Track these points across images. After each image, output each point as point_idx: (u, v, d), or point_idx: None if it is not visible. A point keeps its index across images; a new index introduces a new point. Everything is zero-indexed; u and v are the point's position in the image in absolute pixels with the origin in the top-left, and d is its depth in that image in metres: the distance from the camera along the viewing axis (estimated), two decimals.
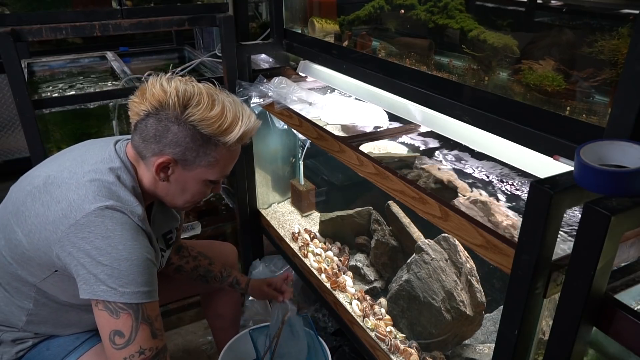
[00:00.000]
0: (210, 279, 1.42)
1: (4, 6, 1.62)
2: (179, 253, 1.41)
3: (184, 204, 1.08)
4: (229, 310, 1.59)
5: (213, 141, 0.97)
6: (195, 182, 1.02)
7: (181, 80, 0.97)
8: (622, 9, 0.82)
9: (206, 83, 1.00)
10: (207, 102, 0.95)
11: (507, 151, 1.00)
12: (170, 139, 0.95)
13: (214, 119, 0.95)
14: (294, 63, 1.81)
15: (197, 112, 0.94)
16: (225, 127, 0.96)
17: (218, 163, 1.00)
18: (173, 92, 0.94)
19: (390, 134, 1.35)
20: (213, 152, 0.98)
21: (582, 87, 0.85)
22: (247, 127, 0.98)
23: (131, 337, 0.91)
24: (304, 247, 1.69)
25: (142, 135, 0.98)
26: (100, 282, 0.89)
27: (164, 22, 1.62)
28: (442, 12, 1.11)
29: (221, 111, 0.96)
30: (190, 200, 1.07)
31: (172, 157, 0.97)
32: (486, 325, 1.35)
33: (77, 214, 0.90)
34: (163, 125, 0.95)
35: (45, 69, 2.14)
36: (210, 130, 0.95)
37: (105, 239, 0.89)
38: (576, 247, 0.59)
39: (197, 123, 0.94)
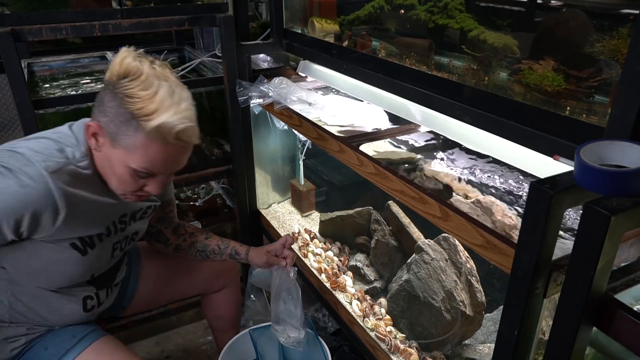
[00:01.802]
0: (209, 252, 1.40)
1: (4, 6, 1.61)
2: (176, 232, 1.40)
3: (116, 189, 1.04)
4: (228, 311, 1.59)
5: (134, 123, 0.93)
6: (119, 164, 0.99)
7: (137, 55, 0.97)
8: (622, 9, 0.81)
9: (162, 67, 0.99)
10: (143, 80, 0.94)
11: (507, 151, 1.00)
12: (105, 106, 0.96)
13: (140, 99, 0.93)
14: (294, 63, 1.81)
15: (128, 85, 0.93)
16: (146, 112, 0.93)
17: (137, 150, 0.95)
18: (117, 61, 0.95)
19: (390, 134, 1.35)
20: (132, 135, 0.94)
21: (582, 87, 0.85)
22: (168, 120, 0.93)
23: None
24: (304, 247, 1.69)
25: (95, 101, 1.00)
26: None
27: (164, 22, 1.62)
28: (442, 12, 1.11)
29: (151, 94, 0.94)
30: (117, 184, 1.03)
31: (101, 124, 0.97)
32: (486, 325, 1.35)
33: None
34: (103, 92, 0.97)
35: (45, 69, 2.14)
36: (133, 109, 0.93)
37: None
38: (576, 247, 0.59)
39: (124, 97, 0.93)
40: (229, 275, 1.56)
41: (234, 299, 1.59)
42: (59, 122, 1.89)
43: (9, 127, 2.72)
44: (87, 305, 1.17)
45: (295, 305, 1.35)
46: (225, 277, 1.55)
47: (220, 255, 1.41)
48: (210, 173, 1.91)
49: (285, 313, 1.35)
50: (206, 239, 1.41)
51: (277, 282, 1.36)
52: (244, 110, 1.77)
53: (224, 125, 1.99)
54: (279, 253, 1.37)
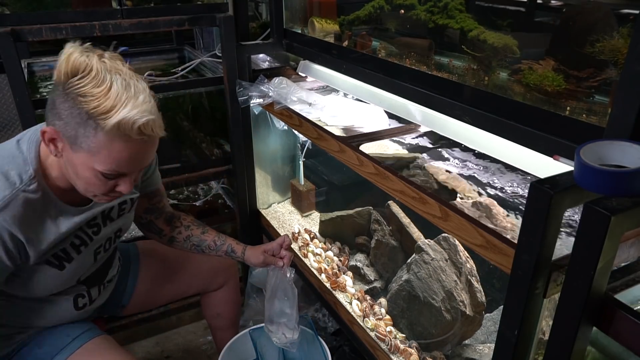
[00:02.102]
0: (205, 247, 1.34)
1: (4, 6, 1.62)
2: (170, 223, 1.35)
3: (84, 192, 0.98)
4: (228, 311, 1.59)
5: (92, 123, 0.87)
6: (83, 168, 0.92)
7: (83, 49, 0.89)
8: (622, 9, 0.81)
9: (112, 59, 0.92)
10: (94, 77, 0.87)
11: (507, 151, 1.00)
12: (57, 109, 0.89)
13: (94, 97, 0.86)
14: (294, 63, 1.81)
15: (80, 84, 0.86)
16: (102, 110, 0.86)
17: (100, 152, 0.89)
18: (63, 58, 0.87)
19: (390, 134, 1.35)
20: (92, 136, 0.87)
21: (582, 87, 0.85)
22: (127, 115, 0.87)
23: None
24: (304, 247, 1.69)
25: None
26: None
27: (164, 22, 1.62)
28: (442, 12, 1.11)
29: (105, 90, 0.86)
30: (85, 188, 0.97)
31: (57, 129, 0.90)
32: (486, 325, 1.35)
33: None
34: (54, 94, 0.89)
35: (45, 69, 2.14)
36: (89, 109, 0.86)
37: None
38: (576, 247, 0.59)
39: (77, 97, 0.86)
40: (228, 273, 1.56)
41: (232, 297, 1.59)
42: None
43: (9, 127, 2.72)
44: (78, 304, 1.17)
45: (291, 306, 1.32)
46: (224, 275, 1.55)
47: (215, 252, 1.36)
48: (210, 173, 1.91)
49: (279, 313, 1.33)
50: (202, 234, 1.36)
51: (272, 281, 1.33)
52: (244, 110, 1.77)
53: (224, 125, 1.99)
54: (276, 253, 1.32)
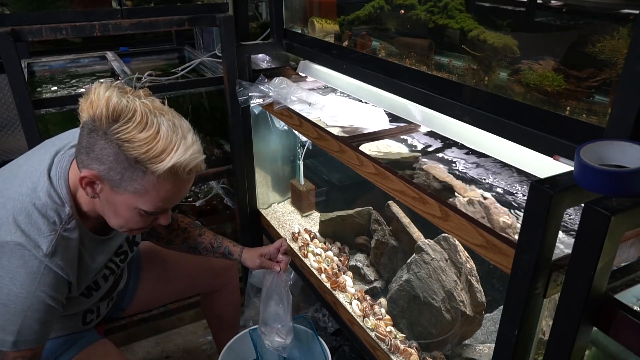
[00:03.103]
0: (202, 249, 1.35)
1: (4, 6, 1.62)
2: (169, 227, 1.36)
3: (120, 228, 0.98)
4: (228, 312, 1.59)
5: (140, 167, 0.86)
6: (125, 208, 0.92)
7: (120, 91, 0.87)
8: (622, 9, 0.81)
9: (152, 100, 0.90)
10: (139, 122, 0.84)
11: (507, 151, 1.00)
12: (97, 153, 0.86)
13: (142, 142, 0.84)
14: (294, 63, 1.81)
15: (125, 130, 0.84)
16: (154, 154, 0.85)
17: (147, 193, 0.89)
18: (104, 104, 0.84)
19: (390, 134, 1.35)
20: (140, 179, 0.87)
21: (582, 87, 0.85)
22: (181, 159, 0.86)
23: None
24: (304, 247, 1.69)
25: (78, 144, 0.91)
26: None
27: (164, 22, 1.62)
28: (442, 12, 1.11)
29: (153, 135, 0.85)
30: (125, 225, 0.96)
31: (98, 173, 0.88)
32: (486, 325, 1.35)
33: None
34: (92, 137, 0.86)
35: (45, 69, 2.14)
36: (137, 154, 0.84)
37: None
38: (576, 247, 0.59)
39: (123, 143, 0.84)
40: (228, 275, 1.56)
41: (233, 299, 1.59)
42: (59, 122, 1.89)
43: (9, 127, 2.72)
44: (86, 319, 1.18)
45: (285, 310, 1.32)
46: (224, 276, 1.55)
47: (212, 254, 1.37)
48: (210, 173, 1.91)
49: (273, 316, 1.33)
50: (199, 236, 1.36)
51: (268, 284, 1.33)
52: (244, 110, 1.77)
53: (224, 125, 1.99)
54: (273, 257, 1.31)
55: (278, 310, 1.33)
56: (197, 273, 1.49)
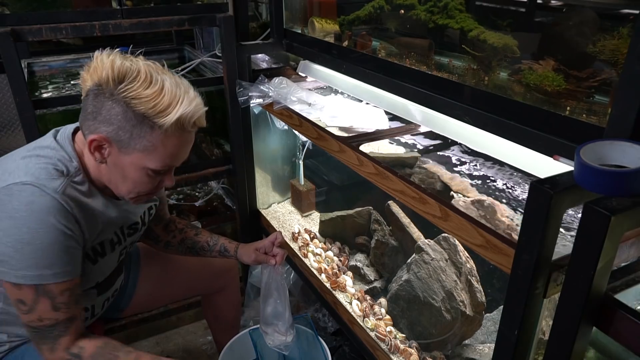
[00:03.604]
0: (199, 249, 1.37)
1: (4, 6, 1.62)
2: (166, 229, 1.38)
3: (127, 193, 1.01)
4: (228, 312, 1.59)
5: (148, 123, 0.90)
6: (134, 169, 0.96)
7: (122, 55, 0.93)
8: (622, 9, 0.81)
9: (153, 62, 0.96)
10: (144, 80, 0.90)
11: (507, 151, 1.00)
12: (104, 115, 0.90)
13: (149, 98, 0.89)
14: (294, 63, 1.81)
15: (131, 88, 0.89)
16: (160, 108, 0.90)
17: (156, 149, 0.93)
18: (110, 65, 0.89)
19: (390, 134, 1.35)
20: (148, 135, 0.91)
21: (582, 87, 0.85)
22: (186, 110, 0.92)
23: (32, 307, 0.93)
24: (304, 247, 1.69)
25: (83, 112, 0.94)
26: (0, 263, 0.90)
27: (164, 22, 1.62)
28: (442, 12, 1.11)
29: (158, 90, 0.90)
30: (134, 189, 1.00)
31: (106, 135, 0.92)
32: (486, 325, 1.35)
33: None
34: (99, 101, 0.91)
35: (45, 69, 2.14)
36: (144, 110, 0.89)
37: (10, 219, 0.88)
38: (576, 247, 0.59)
39: (130, 100, 0.89)
40: (229, 275, 1.56)
41: (233, 300, 1.59)
42: (59, 122, 1.89)
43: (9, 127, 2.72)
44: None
45: (283, 306, 1.31)
46: (225, 277, 1.55)
47: (209, 252, 1.37)
48: (210, 173, 1.91)
49: (272, 314, 1.32)
50: (195, 235, 1.37)
51: (265, 279, 1.32)
52: (244, 110, 1.77)
53: (224, 125, 1.99)
54: (268, 250, 1.31)
55: (277, 306, 1.32)
56: (197, 274, 1.49)
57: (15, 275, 0.90)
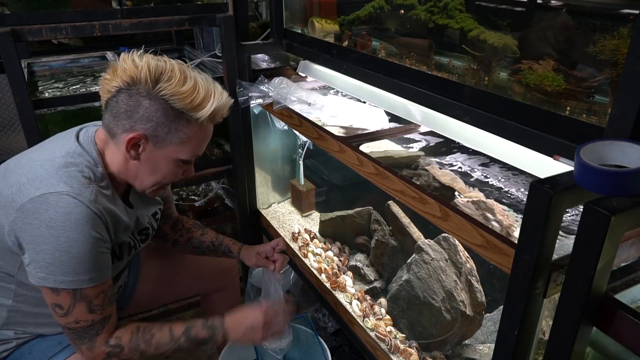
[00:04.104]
0: (204, 249, 1.40)
1: (4, 6, 1.62)
2: (174, 227, 1.41)
3: (152, 185, 1.06)
4: (228, 311, 1.59)
5: (185, 117, 0.97)
6: (166, 161, 1.02)
7: (153, 56, 0.98)
8: (622, 9, 0.81)
9: (178, 61, 1.00)
10: (179, 77, 0.95)
11: (507, 151, 1.00)
12: (142, 113, 0.95)
13: (186, 94, 0.95)
14: (294, 63, 1.81)
15: (168, 86, 0.94)
16: (197, 103, 0.96)
17: (190, 140, 1.00)
18: (144, 67, 0.94)
19: (390, 134, 1.35)
20: (185, 128, 0.98)
21: (582, 87, 0.85)
22: (219, 103, 0.99)
23: (69, 310, 0.96)
24: (304, 247, 1.69)
25: (112, 112, 0.97)
26: (39, 269, 0.92)
27: (164, 22, 1.62)
28: (442, 12, 1.11)
29: (193, 86, 0.96)
30: (161, 181, 1.06)
31: (143, 133, 0.97)
32: (486, 325, 1.35)
33: (23, 198, 0.92)
34: (134, 100, 0.95)
35: (45, 69, 2.14)
36: (182, 105, 0.95)
37: (48, 229, 0.90)
38: (576, 247, 0.59)
39: (168, 97, 0.94)
40: (228, 275, 1.56)
41: (233, 300, 1.59)
42: (59, 122, 1.89)
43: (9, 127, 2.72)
44: None
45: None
46: (225, 277, 1.55)
47: (215, 252, 1.41)
48: (210, 173, 1.91)
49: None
50: (202, 235, 1.41)
51: (265, 281, 1.34)
52: (244, 110, 1.77)
53: (224, 125, 1.99)
54: (269, 255, 1.35)
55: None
56: (197, 274, 1.49)
57: (54, 281, 0.93)
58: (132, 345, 1.03)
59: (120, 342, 1.03)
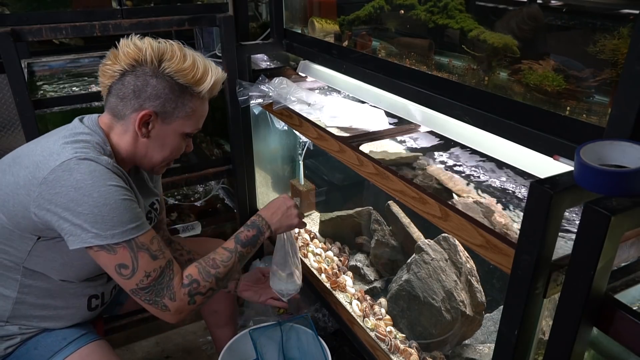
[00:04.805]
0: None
1: (4, 6, 1.61)
2: (170, 246, 1.41)
3: (161, 161, 1.11)
4: (224, 306, 1.59)
5: (189, 91, 1.04)
6: (174, 136, 1.08)
7: (150, 38, 1.03)
8: (622, 9, 0.81)
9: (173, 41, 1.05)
10: (179, 55, 1.02)
11: (507, 151, 1.00)
12: (150, 92, 1.01)
13: (188, 70, 1.02)
14: (294, 63, 1.81)
15: (172, 64, 1.01)
16: (198, 77, 1.03)
17: (195, 113, 1.07)
18: (148, 48, 1.00)
19: (390, 134, 1.35)
20: (189, 102, 1.05)
21: (582, 87, 0.85)
22: (217, 76, 1.07)
23: (134, 266, 0.98)
24: (304, 247, 1.69)
25: (119, 94, 1.02)
26: (86, 230, 0.93)
27: (164, 22, 1.62)
28: (442, 12, 1.11)
29: (193, 63, 1.03)
30: (169, 156, 1.11)
31: (153, 110, 1.02)
32: (486, 325, 1.35)
33: (43, 172, 0.94)
34: (142, 80, 1.01)
35: (45, 69, 2.14)
36: (186, 80, 1.02)
37: (77, 190, 0.92)
38: (576, 247, 0.59)
39: (173, 74, 1.01)
40: None
41: (228, 294, 1.59)
42: (59, 122, 1.88)
43: (9, 127, 2.72)
44: (91, 304, 1.18)
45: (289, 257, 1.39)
46: None
47: None
48: (210, 173, 1.91)
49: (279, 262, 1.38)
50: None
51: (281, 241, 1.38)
52: (244, 110, 1.77)
53: (224, 125, 1.99)
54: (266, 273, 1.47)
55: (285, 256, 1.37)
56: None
57: (105, 237, 0.94)
58: (203, 275, 1.06)
59: (192, 278, 1.05)
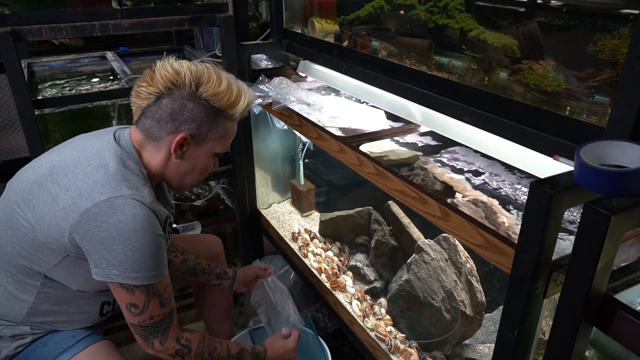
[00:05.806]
0: (199, 271, 1.45)
1: (4, 6, 1.62)
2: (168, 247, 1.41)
3: (191, 182, 1.14)
4: (221, 300, 1.59)
5: (222, 114, 1.05)
6: (205, 157, 1.10)
7: (187, 61, 1.05)
8: (622, 9, 0.81)
9: (206, 63, 1.07)
10: (215, 79, 1.03)
11: (507, 151, 1.00)
12: (187, 115, 1.02)
13: (223, 93, 1.03)
14: (294, 63, 1.81)
15: (209, 88, 1.02)
16: (232, 100, 1.05)
17: (226, 135, 1.09)
18: (187, 72, 1.01)
19: (390, 134, 1.35)
20: (222, 124, 1.06)
21: (582, 87, 0.85)
22: (249, 99, 1.09)
23: (144, 308, 1.04)
24: (304, 247, 1.69)
25: (155, 117, 1.03)
26: (113, 267, 0.97)
27: (164, 22, 1.62)
28: (442, 12, 1.11)
29: (227, 86, 1.04)
30: (198, 177, 1.14)
31: (189, 133, 1.04)
32: (486, 325, 1.35)
33: (87, 202, 0.96)
34: (179, 104, 1.02)
35: (45, 69, 2.14)
36: (221, 104, 1.04)
37: (118, 230, 0.95)
38: (576, 247, 0.59)
39: (210, 98, 1.02)
40: (219, 261, 1.56)
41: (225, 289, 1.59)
42: (59, 122, 1.89)
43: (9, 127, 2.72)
44: (103, 310, 1.20)
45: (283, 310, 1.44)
46: (216, 262, 1.55)
47: (208, 275, 1.46)
48: (210, 173, 1.91)
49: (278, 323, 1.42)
50: (196, 258, 1.46)
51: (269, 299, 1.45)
52: None
53: None
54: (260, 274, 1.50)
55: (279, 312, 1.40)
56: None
57: (128, 277, 0.98)
58: (198, 351, 1.12)
59: (190, 345, 1.11)
